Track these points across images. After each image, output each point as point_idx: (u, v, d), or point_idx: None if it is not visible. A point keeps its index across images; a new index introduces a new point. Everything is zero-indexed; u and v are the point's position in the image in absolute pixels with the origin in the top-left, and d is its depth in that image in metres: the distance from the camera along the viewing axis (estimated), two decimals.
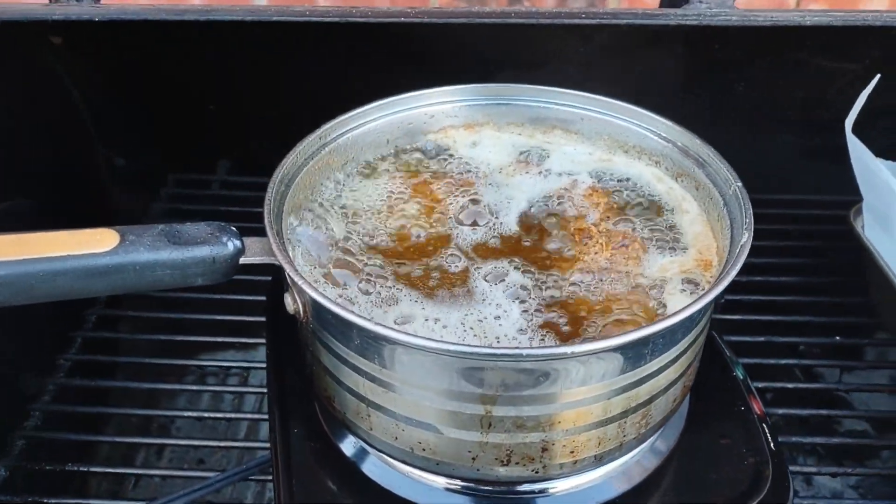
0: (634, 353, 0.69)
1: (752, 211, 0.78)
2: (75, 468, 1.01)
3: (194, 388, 1.22)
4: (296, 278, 0.71)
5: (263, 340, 1.06)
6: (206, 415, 1.16)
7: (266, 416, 0.93)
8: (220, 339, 1.25)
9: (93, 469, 1.03)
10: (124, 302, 1.28)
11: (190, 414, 1.17)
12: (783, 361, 1.13)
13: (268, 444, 0.90)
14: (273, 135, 0.94)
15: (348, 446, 0.86)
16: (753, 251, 0.77)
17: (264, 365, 0.99)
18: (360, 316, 0.67)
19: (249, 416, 1.26)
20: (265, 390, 1.01)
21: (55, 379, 1.12)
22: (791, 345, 1.19)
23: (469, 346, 0.65)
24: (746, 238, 0.75)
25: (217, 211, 1.39)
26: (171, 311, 1.27)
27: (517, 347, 0.70)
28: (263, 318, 1.04)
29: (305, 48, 1.24)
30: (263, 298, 1.04)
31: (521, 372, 0.67)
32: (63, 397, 1.10)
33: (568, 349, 0.66)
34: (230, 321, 1.24)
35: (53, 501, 0.98)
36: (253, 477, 0.99)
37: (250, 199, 1.25)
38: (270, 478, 0.87)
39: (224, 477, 0.96)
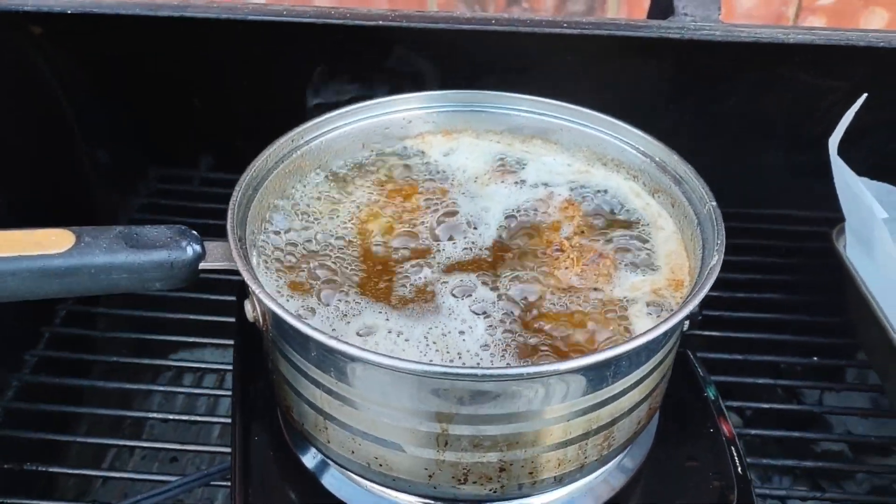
0: (595, 376, 0.68)
1: (724, 232, 0.77)
2: (34, 468, 1.00)
3: (165, 388, 1.20)
4: (254, 287, 0.70)
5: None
6: (175, 417, 1.14)
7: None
8: (195, 339, 1.23)
9: (51, 469, 1.01)
10: (97, 298, 1.27)
11: (159, 415, 1.15)
12: (760, 381, 1.12)
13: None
14: (258, 132, 0.92)
15: (309, 457, 0.84)
16: (735, 266, 0.76)
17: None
18: (315, 329, 0.66)
19: (223, 419, 1.24)
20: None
21: (20, 375, 1.10)
22: (769, 364, 1.18)
23: (424, 364, 0.63)
24: (716, 260, 0.73)
25: (197, 208, 1.37)
26: (146, 308, 1.25)
27: (473, 367, 0.68)
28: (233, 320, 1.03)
29: (288, 46, 1.23)
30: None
31: (478, 391, 0.66)
32: (27, 395, 1.09)
33: (524, 370, 0.64)
34: (206, 321, 1.22)
35: (12, 502, 0.97)
36: (216, 483, 0.97)
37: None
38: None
39: (184, 482, 0.94)
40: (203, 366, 1.27)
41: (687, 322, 0.75)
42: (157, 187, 1.44)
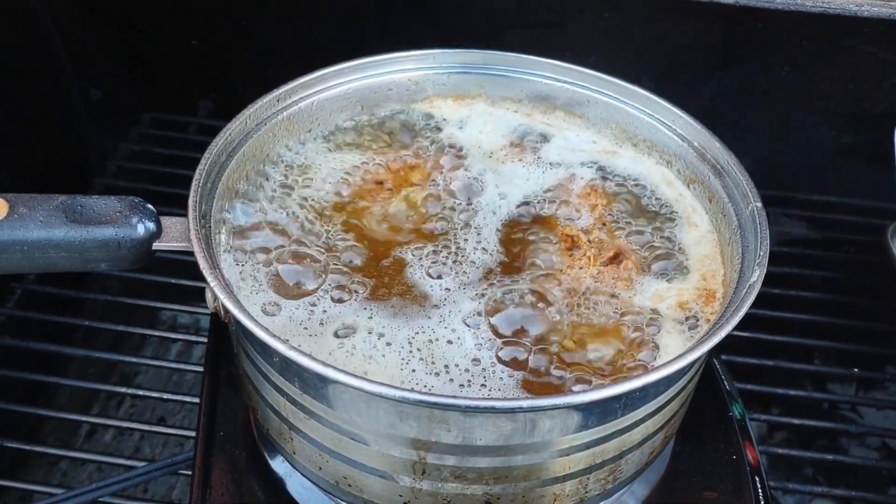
0: (602, 410, 0.57)
1: (768, 241, 0.65)
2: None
3: (147, 361, 1.12)
4: (210, 278, 0.60)
5: None
6: (143, 393, 1.06)
7: None
8: (184, 308, 1.14)
9: (12, 445, 0.94)
10: None
11: (128, 390, 1.06)
12: (792, 392, 1.00)
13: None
14: (262, 77, 0.82)
15: (277, 462, 0.75)
16: (772, 258, 0.65)
17: None
18: (272, 335, 0.55)
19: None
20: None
21: None
22: (803, 372, 1.06)
23: (399, 389, 0.53)
24: (757, 277, 0.62)
25: (190, 158, 1.26)
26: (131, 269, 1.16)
27: (456, 397, 0.58)
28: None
29: None
30: None
31: (461, 422, 0.56)
32: None
33: (518, 404, 0.54)
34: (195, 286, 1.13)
35: None
36: (184, 472, 0.89)
37: None
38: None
39: (149, 469, 0.86)
40: (193, 338, 1.18)
41: None
42: (150, 133, 1.33)
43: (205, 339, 1.13)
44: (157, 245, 0.65)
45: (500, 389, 0.61)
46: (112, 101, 1.33)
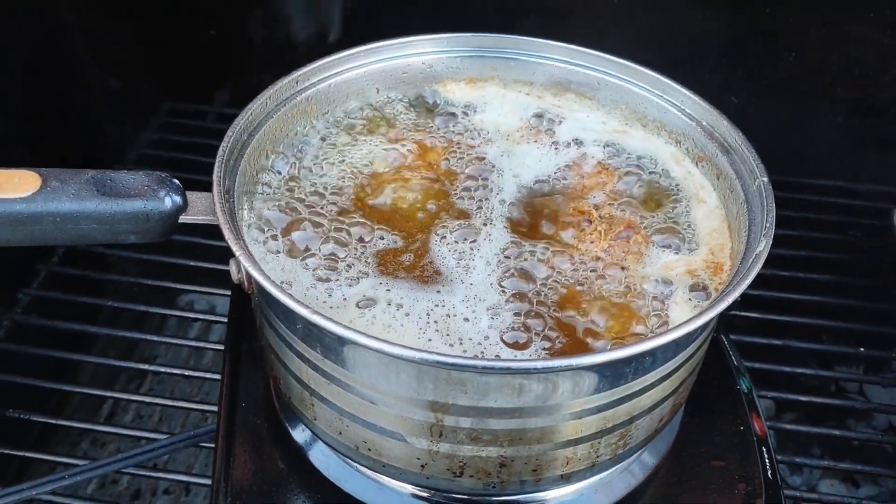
0: (613, 373, 0.59)
1: (774, 214, 0.67)
2: (17, 416, 0.95)
3: (168, 340, 1.14)
4: (235, 249, 0.62)
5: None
6: (174, 371, 1.08)
7: None
8: (203, 289, 1.17)
9: (39, 419, 0.96)
10: None
11: (150, 367, 1.09)
12: (799, 370, 1.02)
13: None
14: (277, 67, 0.84)
15: (297, 431, 0.78)
16: (780, 241, 0.66)
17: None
18: (296, 300, 0.58)
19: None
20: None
21: (11, 315, 1.05)
22: (810, 351, 1.08)
23: (419, 351, 0.55)
24: (763, 246, 0.64)
25: (208, 146, 1.29)
26: (152, 251, 1.19)
27: (473, 358, 0.60)
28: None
29: None
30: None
31: (479, 383, 0.58)
32: (17, 336, 1.03)
33: (532, 365, 0.56)
34: (216, 270, 1.16)
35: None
36: (205, 444, 0.91)
37: None
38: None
39: (171, 442, 0.89)
40: (210, 318, 1.20)
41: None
42: (168, 122, 1.36)
43: (221, 320, 1.17)
44: (183, 218, 0.67)
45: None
46: (131, 92, 1.36)
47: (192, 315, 1.19)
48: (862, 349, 1.06)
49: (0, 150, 1.06)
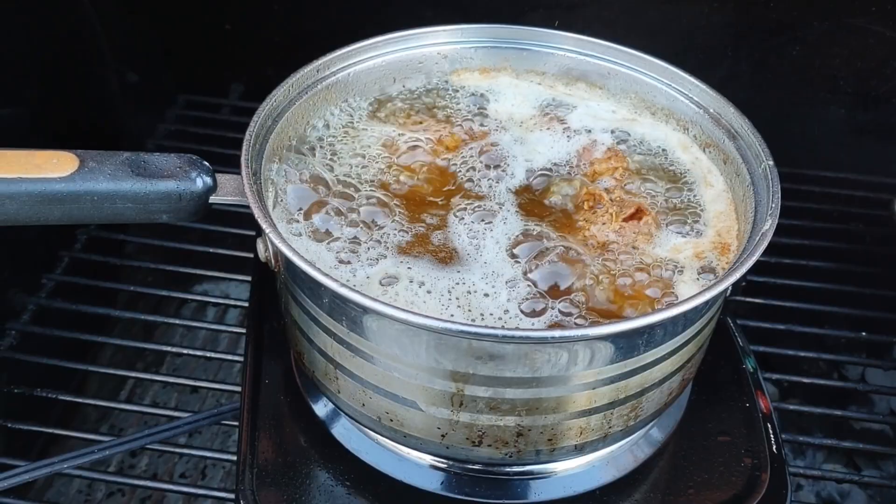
0: (626, 344, 0.62)
1: (780, 195, 0.70)
2: (45, 395, 0.98)
3: (185, 322, 1.17)
4: (264, 225, 0.65)
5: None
6: (193, 352, 1.11)
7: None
8: (220, 274, 1.20)
9: (63, 398, 0.99)
10: (119, 224, 1.24)
11: (175, 349, 1.12)
12: (802, 353, 1.05)
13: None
14: (291, 60, 0.87)
15: (320, 406, 0.81)
16: (784, 230, 0.69)
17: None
18: (327, 276, 0.61)
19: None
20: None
21: (36, 298, 1.08)
22: (813, 336, 1.11)
23: (442, 321, 0.58)
24: (769, 226, 0.67)
25: (224, 138, 1.32)
26: (169, 238, 1.22)
27: (494, 328, 0.63)
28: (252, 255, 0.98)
29: None
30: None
31: (499, 353, 0.61)
32: (43, 319, 1.06)
33: (550, 334, 0.59)
34: (232, 256, 1.19)
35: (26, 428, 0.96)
36: (227, 422, 0.94)
37: None
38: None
39: (194, 419, 0.92)
40: (226, 302, 1.24)
41: (730, 288, 0.68)
42: (184, 114, 1.39)
43: (237, 304, 1.21)
44: (213, 199, 0.70)
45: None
46: (148, 84, 1.39)
47: (208, 299, 1.22)
48: (864, 333, 1.09)
49: (20, 140, 1.09)
